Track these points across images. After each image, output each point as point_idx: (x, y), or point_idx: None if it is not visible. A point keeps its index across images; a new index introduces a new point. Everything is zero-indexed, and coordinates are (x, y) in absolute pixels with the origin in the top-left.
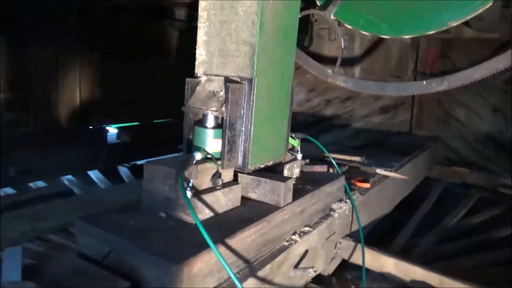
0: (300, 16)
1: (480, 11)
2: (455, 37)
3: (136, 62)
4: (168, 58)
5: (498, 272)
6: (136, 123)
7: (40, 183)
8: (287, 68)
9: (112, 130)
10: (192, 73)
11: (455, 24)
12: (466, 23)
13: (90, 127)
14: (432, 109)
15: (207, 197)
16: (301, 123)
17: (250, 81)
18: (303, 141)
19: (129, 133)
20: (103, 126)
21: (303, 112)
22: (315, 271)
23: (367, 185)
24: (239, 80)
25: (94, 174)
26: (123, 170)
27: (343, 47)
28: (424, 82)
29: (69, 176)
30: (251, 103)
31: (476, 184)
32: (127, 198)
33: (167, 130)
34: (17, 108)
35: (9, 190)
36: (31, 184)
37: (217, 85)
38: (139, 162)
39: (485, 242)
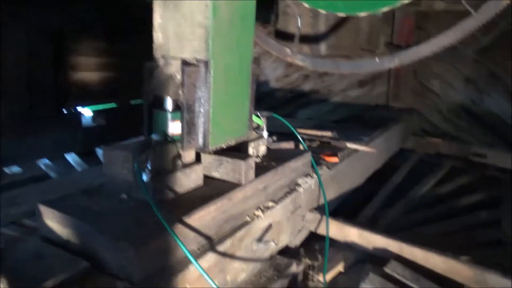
0: None
1: None
2: (427, 10)
3: (113, 41)
4: (146, 38)
5: (460, 238)
6: (113, 105)
7: (15, 168)
8: (246, 50)
9: (87, 113)
10: None
11: (406, 2)
12: None
13: (65, 111)
14: (408, 81)
15: (167, 179)
16: (281, 99)
17: (206, 63)
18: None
19: (105, 115)
20: (78, 109)
21: (282, 88)
22: (276, 244)
23: (335, 160)
24: (195, 62)
25: (71, 158)
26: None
27: (299, 25)
28: (377, 59)
29: (45, 160)
30: (208, 85)
31: (449, 154)
32: (103, 180)
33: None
34: None
35: None
36: (6, 169)
37: (174, 68)
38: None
39: (452, 210)
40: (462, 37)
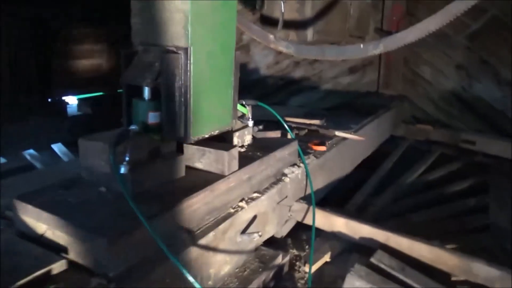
0: None
1: None
2: None
3: (98, 29)
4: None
5: (449, 224)
6: (99, 94)
7: (0, 159)
8: (228, 35)
9: (73, 101)
10: None
11: None
12: None
13: (49, 100)
14: (399, 68)
15: (146, 170)
16: (271, 86)
17: (186, 50)
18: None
19: (90, 104)
20: (63, 98)
21: (273, 75)
22: (260, 236)
23: (322, 148)
24: (175, 49)
25: (57, 148)
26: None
27: (283, 10)
28: (362, 45)
29: (31, 151)
30: (188, 73)
31: (439, 141)
32: (81, 172)
33: None
34: None
35: None
36: None
37: (153, 56)
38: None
39: (441, 196)
40: (449, 21)
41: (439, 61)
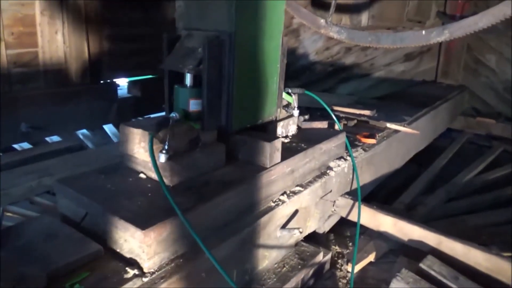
0: None
1: None
2: None
3: (145, 10)
4: None
5: (506, 232)
6: (148, 76)
7: (56, 138)
8: (275, 20)
9: (123, 83)
10: None
11: None
12: None
13: (101, 82)
14: (461, 56)
15: (185, 160)
16: (320, 73)
17: (230, 35)
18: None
19: (140, 86)
20: (113, 80)
21: (322, 61)
22: (301, 232)
23: (372, 141)
24: (219, 34)
25: (108, 128)
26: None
27: None
28: (423, 32)
29: (84, 131)
30: (232, 60)
31: (502, 136)
32: (121, 158)
33: None
34: (26, 64)
35: (25, 145)
36: (47, 139)
37: (196, 41)
38: (152, 116)
39: (500, 199)
40: None
41: (508, 49)
